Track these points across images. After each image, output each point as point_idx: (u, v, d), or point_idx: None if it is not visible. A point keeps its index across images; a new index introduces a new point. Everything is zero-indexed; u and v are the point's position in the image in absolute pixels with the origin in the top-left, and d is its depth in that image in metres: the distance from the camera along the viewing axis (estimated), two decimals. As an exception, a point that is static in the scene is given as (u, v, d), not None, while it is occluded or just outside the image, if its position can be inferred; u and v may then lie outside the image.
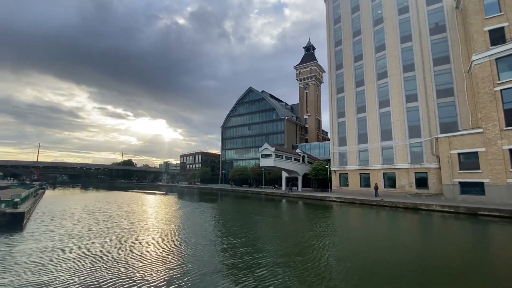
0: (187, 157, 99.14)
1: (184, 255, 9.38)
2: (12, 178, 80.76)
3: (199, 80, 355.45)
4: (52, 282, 6.70)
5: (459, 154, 26.66)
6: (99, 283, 6.69)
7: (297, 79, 77.98)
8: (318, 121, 76.54)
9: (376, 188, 31.79)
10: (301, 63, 77.63)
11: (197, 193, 50.21)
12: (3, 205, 15.86)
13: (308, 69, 75.57)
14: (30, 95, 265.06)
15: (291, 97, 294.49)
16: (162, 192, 51.32)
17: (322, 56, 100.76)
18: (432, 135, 31.33)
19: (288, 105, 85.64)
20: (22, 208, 16.12)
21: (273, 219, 19.23)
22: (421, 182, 31.82)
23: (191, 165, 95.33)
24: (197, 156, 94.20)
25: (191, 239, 11.90)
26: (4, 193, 24.76)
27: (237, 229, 14.48)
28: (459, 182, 26.41)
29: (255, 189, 52.52)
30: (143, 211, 22.17)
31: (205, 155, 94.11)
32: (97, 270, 7.57)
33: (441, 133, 29.86)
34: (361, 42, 40.93)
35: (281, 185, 51.82)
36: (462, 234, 14.92)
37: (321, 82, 79.04)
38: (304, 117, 75.04)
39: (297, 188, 48.18)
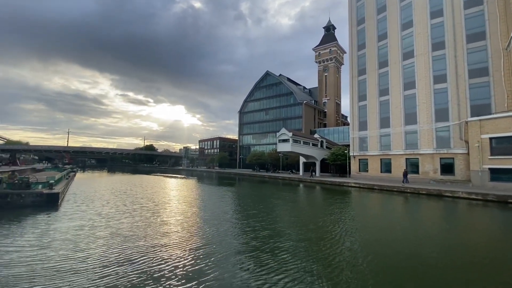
0: (206, 142, 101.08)
1: (208, 236, 9.81)
2: (46, 162, 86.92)
3: (216, 65, 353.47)
4: (87, 258, 7.33)
5: (491, 138, 25.02)
6: (130, 260, 7.23)
7: (316, 62, 75.37)
8: (338, 105, 74.30)
9: (405, 174, 30.21)
10: (320, 44, 74.59)
11: (216, 177, 51.50)
12: (40, 186, 17.26)
13: (328, 50, 72.56)
14: (58, 83, 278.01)
15: (310, 80, 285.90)
16: (183, 176, 53.17)
17: (343, 36, 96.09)
18: (462, 118, 29.46)
19: (306, 89, 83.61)
20: (56, 189, 17.46)
21: (292, 204, 19.45)
22: (447, 168, 30.43)
23: (209, 150, 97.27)
24: (215, 141, 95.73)
25: (214, 221, 12.38)
26: (40, 175, 26.82)
27: (257, 213, 14.82)
28: (489, 169, 24.99)
29: (272, 174, 52.93)
30: (166, 194, 23.20)
31: (223, 140, 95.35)
32: (127, 248, 8.16)
33: (472, 116, 28.01)
34: (386, 19, 38.39)
35: (298, 170, 51.72)
36: (490, 223, 14.31)
37: (342, 64, 75.87)
38: (323, 101, 73.06)
39: (315, 173, 47.91)
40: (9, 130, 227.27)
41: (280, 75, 79.18)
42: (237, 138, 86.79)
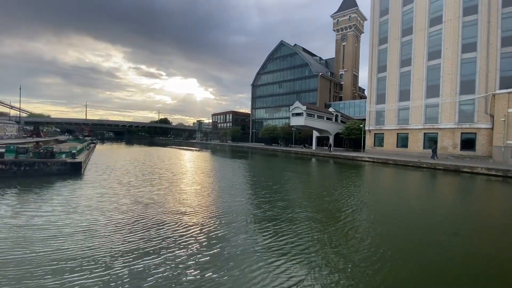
0: (218, 116, 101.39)
1: (226, 205, 10.13)
2: (67, 134, 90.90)
3: (228, 36, 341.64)
4: (111, 223, 7.86)
5: (519, 112, 23.50)
6: (153, 225, 7.69)
7: (333, 30, 70.99)
8: (355, 77, 71.03)
9: (434, 149, 28.91)
10: (339, 10, 69.60)
11: (229, 150, 52.30)
12: (63, 155, 18.21)
13: (347, 17, 67.77)
14: (72, 57, 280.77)
15: (326, 51, 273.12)
16: (197, 149, 54.38)
17: (364, 1, 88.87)
18: (489, 91, 27.55)
19: (322, 59, 79.90)
20: (79, 158, 18.40)
21: (306, 176, 19.67)
22: (468, 143, 29.23)
23: (222, 124, 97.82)
24: (227, 115, 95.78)
25: (231, 191, 12.77)
26: (63, 146, 28.21)
27: (272, 184, 15.13)
28: (514, 144, 23.80)
29: (285, 148, 53.04)
30: (183, 165, 23.98)
31: (235, 114, 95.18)
32: (149, 214, 8.63)
33: (501, 88, 26.13)
34: (414, -20, 34.85)
35: (311, 144, 51.42)
36: (508, 198, 13.95)
37: (361, 32, 71.10)
38: (340, 72, 69.96)
39: (331, 147, 47.53)
40: (31, 104, 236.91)
41: (295, 45, 75.69)
42: (249, 112, 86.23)
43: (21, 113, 61.41)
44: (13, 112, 66.83)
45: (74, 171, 16.47)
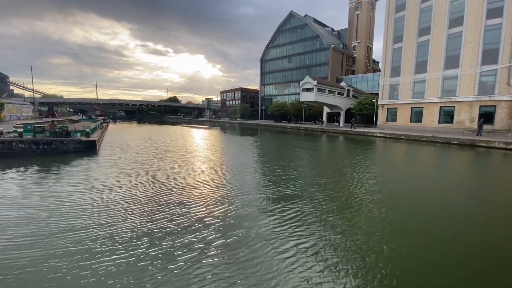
0: (227, 94, 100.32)
1: (243, 183, 10.25)
2: (81, 114, 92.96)
3: (235, 8, 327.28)
4: (125, 200, 8.24)
5: (546, 83, 22.02)
6: (166, 204, 8.00)
7: (346, -2, 66.51)
8: (369, 49, 67.50)
9: (480, 125, 26.42)
10: (353, -25, 64.64)
11: (239, 128, 52.38)
12: (78, 134, 18.78)
13: (362, -17, 63.02)
14: (79, 36, 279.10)
15: (339, 22, 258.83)
16: (207, 127, 54.72)
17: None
18: (514, 60, 25.76)
19: (334, 31, 75.84)
20: (93, 137, 18.95)
21: (318, 153, 19.62)
22: (486, 117, 28.00)
23: (231, 101, 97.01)
24: (236, 93, 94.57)
25: (247, 168, 12.96)
26: (77, 125, 29.00)
27: (284, 162, 15.24)
28: (537, 117, 22.62)
29: (295, 125, 52.56)
30: (196, 143, 24.35)
31: (244, 91, 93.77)
32: (163, 194, 8.88)
33: (528, 57, 24.34)
34: None
35: (321, 120, 50.62)
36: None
37: (377, -1, 66.36)
38: (353, 44, 66.58)
39: (339, 124, 46.74)
40: (43, 85, 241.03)
41: (306, 15, 71.75)
42: (258, 89, 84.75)
43: (34, 94, 62.72)
44: (27, 94, 68.46)
45: (89, 149, 17.03)
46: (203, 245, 5.14)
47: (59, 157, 14.87)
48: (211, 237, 5.45)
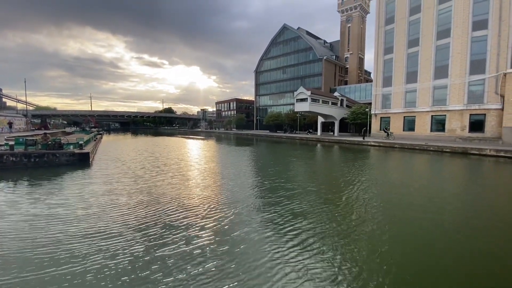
0: (222, 104, 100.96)
1: (235, 193, 10.24)
2: (74, 126, 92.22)
3: (230, 21, 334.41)
4: (126, 213, 8.07)
5: (532, 91, 22.74)
6: (161, 214, 7.86)
7: (338, 11, 68.71)
8: (361, 60, 69.25)
9: None
10: (343, -10, 67.02)
11: (234, 138, 52.38)
12: (71, 146, 18.52)
13: (352, -3, 65.32)
14: (74, 48, 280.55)
15: (331, 34, 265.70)
16: (202, 137, 54.61)
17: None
18: (500, 70, 26.61)
19: (327, 43, 77.84)
20: (86, 149, 18.71)
21: (312, 163, 19.66)
22: (476, 125, 28.65)
23: (226, 112, 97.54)
24: (231, 103, 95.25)
25: (239, 179, 12.89)
26: (70, 137, 28.69)
27: (279, 171, 15.20)
28: (525, 125, 23.21)
29: (290, 135, 52.83)
30: (191, 153, 24.15)
31: (239, 101, 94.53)
32: (158, 205, 8.78)
33: (513, 67, 25.20)
34: (423, -46, 33.08)
35: (316, 130, 51.05)
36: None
37: (367, 12, 68.67)
38: (345, 56, 68.26)
39: (333, 133, 47.17)
40: (37, 97, 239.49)
41: (299, 28, 73.68)
42: (253, 99, 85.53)
43: (27, 106, 62.16)
44: (20, 106, 67.77)
45: (83, 161, 16.78)
46: (195, 254, 5.05)
47: (51, 170, 14.60)
48: (201, 246, 5.36)
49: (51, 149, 16.71)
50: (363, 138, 34.58)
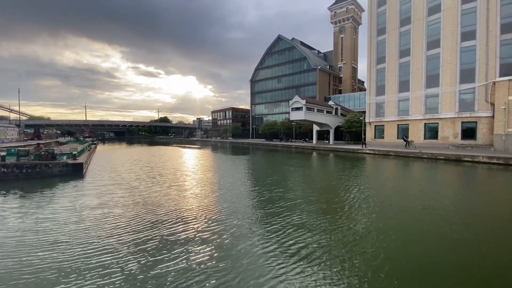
0: (218, 113, 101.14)
1: (232, 203, 10.14)
2: (68, 136, 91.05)
3: (225, 32, 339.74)
4: (112, 223, 7.91)
5: (520, 100, 23.34)
6: (157, 225, 7.72)
7: (331, 22, 70.34)
8: (354, 70, 70.57)
9: None
10: (336, 2, 68.83)
11: (230, 147, 52.30)
12: (64, 157, 18.24)
13: (345, 9, 67.09)
14: (70, 58, 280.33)
15: (325, 44, 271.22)
16: (198, 146, 54.40)
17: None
18: (489, 79, 27.33)
19: (321, 53, 79.29)
20: (80, 159, 18.44)
21: (310, 171, 19.66)
22: (468, 132, 29.16)
23: (222, 121, 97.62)
24: (227, 112, 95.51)
25: (235, 188, 12.77)
26: (63, 147, 28.30)
27: (275, 179, 15.14)
28: (515, 132, 23.69)
29: (286, 143, 52.97)
30: (187, 163, 23.99)
31: (235, 110, 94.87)
32: (153, 215, 8.62)
33: (501, 76, 25.92)
34: (411, -32, 34.34)
35: (312, 138, 51.34)
36: (508, 185, 13.95)
37: (359, 24, 70.41)
38: (339, 65, 69.51)
39: (328, 141, 47.46)
40: (30, 107, 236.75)
41: (293, 39, 75.00)
42: (249, 108, 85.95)
43: (21, 116, 61.36)
44: (13, 116, 66.86)
45: (76, 172, 16.52)
46: (191, 265, 4.93)
47: (43, 181, 14.32)
48: (198, 257, 5.24)
49: (44, 160, 16.44)
50: (364, 146, 34.47)
